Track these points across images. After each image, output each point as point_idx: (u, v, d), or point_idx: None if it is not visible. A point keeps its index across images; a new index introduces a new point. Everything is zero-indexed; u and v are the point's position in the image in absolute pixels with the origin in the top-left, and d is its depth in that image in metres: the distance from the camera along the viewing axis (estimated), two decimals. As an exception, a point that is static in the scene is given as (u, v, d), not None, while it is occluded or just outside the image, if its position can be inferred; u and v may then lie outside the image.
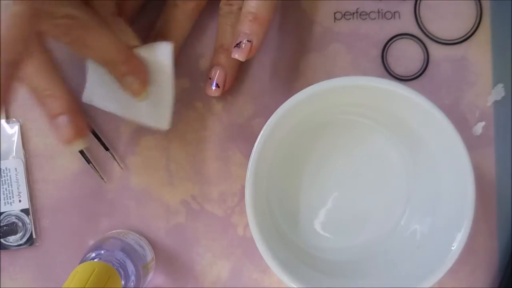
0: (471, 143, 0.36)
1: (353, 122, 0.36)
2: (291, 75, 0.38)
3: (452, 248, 0.31)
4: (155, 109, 0.37)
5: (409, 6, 0.38)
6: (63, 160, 0.38)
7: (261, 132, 0.31)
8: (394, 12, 0.38)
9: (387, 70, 0.38)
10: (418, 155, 0.36)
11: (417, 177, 0.36)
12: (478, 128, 0.38)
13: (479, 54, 0.38)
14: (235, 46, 0.33)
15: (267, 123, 0.31)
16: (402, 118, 0.34)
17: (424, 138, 0.34)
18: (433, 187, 0.35)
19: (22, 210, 0.37)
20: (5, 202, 0.37)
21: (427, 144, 0.34)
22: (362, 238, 0.37)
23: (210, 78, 0.36)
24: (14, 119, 0.38)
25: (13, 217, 0.37)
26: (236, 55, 0.33)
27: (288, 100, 0.31)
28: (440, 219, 0.34)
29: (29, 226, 0.37)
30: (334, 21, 0.38)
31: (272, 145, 0.32)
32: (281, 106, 0.31)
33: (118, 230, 0.38)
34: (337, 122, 0.35)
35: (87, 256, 0.33)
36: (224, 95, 0.38)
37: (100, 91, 0.36)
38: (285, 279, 0.32)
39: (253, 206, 0.32)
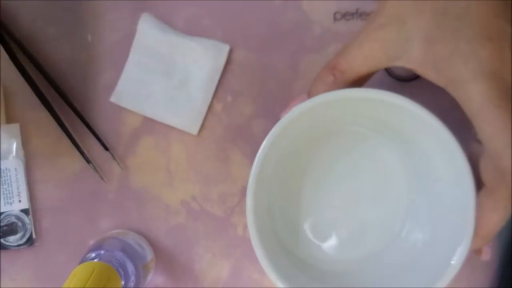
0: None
1: (356, 132, 0.36)
2: (291, 75, 0.38)
3: (452, 262, 0.31)
4: (188, 114, 0.37)
5: (409, 6, 0.38)
6: (63, 160, 0.38)
7: (264, 142, 0.30)
8: (394, 12, 0.38)
9: (387, 71, 0.38)
10: (420, 167, 0.35)
11: (418, 188, 0.36)
12: (478, 128, 0.38)
13: (479, 55, 0.38)
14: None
15: (271, 132, 0.30)
16: (403, 129, 0.34)
17: (427, 150, 0.33)
18: (434, 199, 0.34)
19: (22, 210, 0.37)
20: (5, 202, 0.37)
21: (429, 156, 0.33)
22: (362, 249, 0.36)
23: None
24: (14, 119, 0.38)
25: (13, 217, 0.37)
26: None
27: (296, 107, 0.30)
28: (440, 231, 0.33)
29: (29, 226, 0.37)
30: (334, 22, 0.38)
31: (274, 154, 0.32)
32: (288, 114, 0.30)
33: (118, 230, 0.38)
34: (340, 132, 0.35)
35: (87, 256, 0.33)
36: (224, 95, 0.38)
37: (130, 93, 0.37)
38: None
39: (253, 214, 0.31)
